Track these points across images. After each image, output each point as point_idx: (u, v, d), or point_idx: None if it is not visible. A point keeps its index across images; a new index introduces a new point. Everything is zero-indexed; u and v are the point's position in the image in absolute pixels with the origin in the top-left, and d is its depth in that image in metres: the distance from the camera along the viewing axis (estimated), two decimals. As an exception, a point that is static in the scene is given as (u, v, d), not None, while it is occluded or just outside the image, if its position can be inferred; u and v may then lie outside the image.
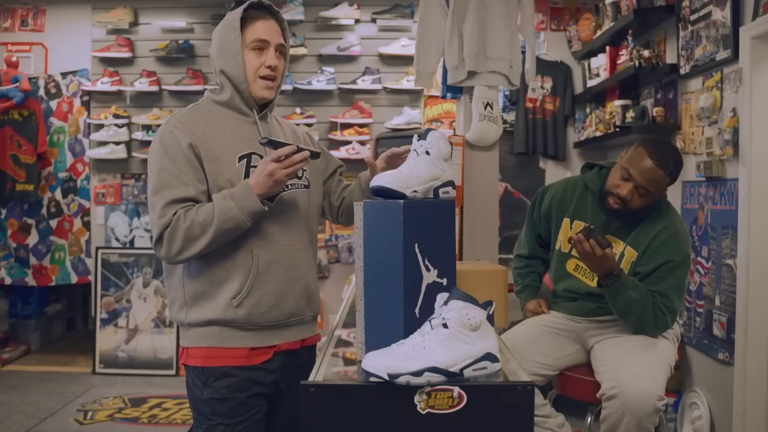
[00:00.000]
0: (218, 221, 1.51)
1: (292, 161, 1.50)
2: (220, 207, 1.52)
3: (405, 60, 4.51)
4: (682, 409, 3.25)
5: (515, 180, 4.61)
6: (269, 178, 1.50)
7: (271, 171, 1.50)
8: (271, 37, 1.63)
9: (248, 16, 1.62)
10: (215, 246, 1.55)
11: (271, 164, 1.50)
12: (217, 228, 1.51)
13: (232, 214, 1.51)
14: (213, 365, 1.61)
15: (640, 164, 2.07)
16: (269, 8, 1.65)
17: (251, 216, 1.53)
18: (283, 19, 1.68)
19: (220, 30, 1.65)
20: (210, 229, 1.51)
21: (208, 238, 1.52)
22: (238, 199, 1.51)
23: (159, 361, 4.54)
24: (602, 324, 2.25)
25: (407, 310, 1.30)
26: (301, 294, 1.66)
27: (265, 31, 1.62)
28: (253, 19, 1.62)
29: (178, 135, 1.57)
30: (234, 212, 1.51)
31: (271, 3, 1.66)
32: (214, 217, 1.51)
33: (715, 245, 3.01)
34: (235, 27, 1.60)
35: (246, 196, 1.51)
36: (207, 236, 1.51)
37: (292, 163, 1.50)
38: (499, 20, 2.75)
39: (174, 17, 4.66)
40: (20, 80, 4.44)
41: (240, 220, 1.52)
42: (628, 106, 3.74)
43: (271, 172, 1.50)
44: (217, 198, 1.54)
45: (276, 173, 1.50)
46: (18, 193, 4.59)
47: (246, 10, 1.62)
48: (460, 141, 2.78)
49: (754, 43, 2.70)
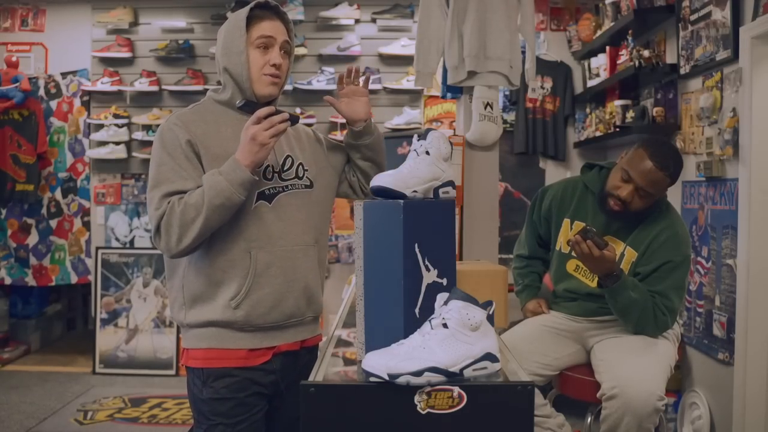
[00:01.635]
0: (209, 197, 1.49)
1: (272, 122, 1.49)
2: (209, 183, 1.50)
3: (405, 60, 4.51)
4: (682, 409, 3.25)
5: (515, 180, 4.61)
6: (253, 143, 1.48)
7: (253, 134, 1.48)
8: (277, 35, 1.63)
9: (254, 15, 1.62)
10: (212, 226, 1.52)
11: (252, 127, 1.48)
12: (209, 204, 1.48)
13: (222, 187, 1.48)
14: (212, 366, 1.61)
15: (640, 166, 2.07)
16: (275, 8, 1.65)
17: (242, 186, 1.50)
18: (288, 20, 1.68)
19: (225, 28, 1.65)
20: (203, 208, 1.49)
21: (203, 217, 1.49)
22: (226, 173, 1.50)
23: (159, 361, 4.54)
24: (602, 324, 2.25)
25: (407, 310, 1.30)
26: (300, 295, 1.66)
27: (270, 28, 1.62)
28: (259, 19, 1.62)
29: (177, 132, 1.57)
30: (223, 185, 1.48)
31: (277, 3, 1.66)
32: (205, 194, 1.49)
33: (715, 245, 3.01)
34: (241, 26, 1.60)
35: (234, 168, 1.49)
36: (201, 216, 1.49)
37: (272, 123, 1.48)
38: (499, 20, 2.75)
39: (174, 17, 4.66)
40: (20, 80, 4.44)
41: (230, 192, 1.49)
42: (628, 106, 3.74)
43: (253, 136, 1.48)
44: (207, 176, 1.53)
45: (258, 135, 1.48)
46: (18, 193, 4.59)
47: (252, 9, 1.62)
48: (460, 141, 2.78)
49: (754, 43, 2.70)
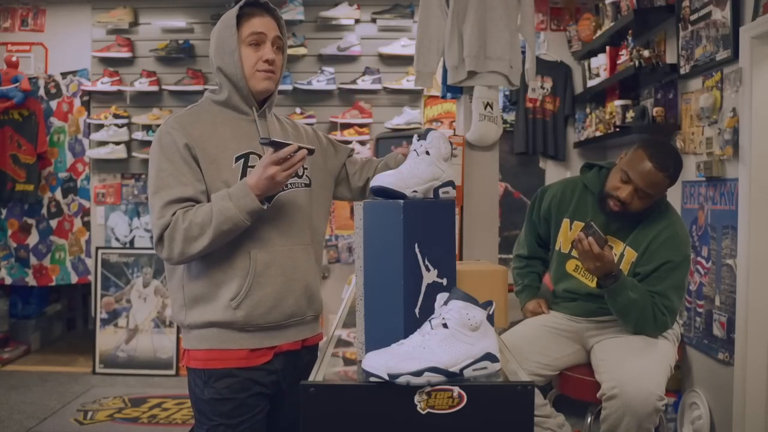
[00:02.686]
0: (216, 221, 1.50)
1: (293, 162, 1.50)
2: (218, 207, 1.51)
3: (405, 60, 4.51)
4: (682, 409, 3.25)
5: (515, 180, 4.61)
6: (270, 181, 1.50)
7: (273, 174, 1.49)
8: (268, 31, 1.63)
9: (244, 13, 1.62)
10: (216, 245, 1.54)
11: (272, 167, 1.49)
12: (216, 228, 1.50)
13: (231, 214, 1.50)
14: (214, 367, 1.61)
15: (640, 167, 2.07)
16: (265, 5, 1.65)
17: (250, 215, 1.52)
18: (279, 16, 1.68)
19: (217, 29, 1.65)
20: (209, 230, 1.51)
21: (208, 239, 1.51)
22: (236, 199, 1.51)
23: (159, 361, 4.54)
24: (602, 324, 2.25)
25: (407, 310, 1.31)
26: (301, 294, 1.66)
27: (260, 25, 1.62)
28: (249, 16, 1.62)
29: (175, 136, 1.57)
30: (232, 212, 1.50)
31: (267, 0, 1.66)
32: (213, 218, 1.51)
33: (715, 245, 3.01)
34: (231, 24, 1.60)
35: (244, 195, 1.51)
36: (206, 237, 1.51)
37: (292, 164, 1.50)
38: (499, 20, 2.74)
39: (174, 17, 4.66)
40: (20, 80, 4.44)
41: (238, 220, 1.51)
42: (628, 106, 3.74)
43: (272, 176, 1.49)
44: (216, 198, 1.54)
45: (277, 176, 1.49)
46: (18, 193, 4.60)
47: (242, 7, 1.62)
48: (460, 141, 2.78)
49: (754, 43, 2.70)
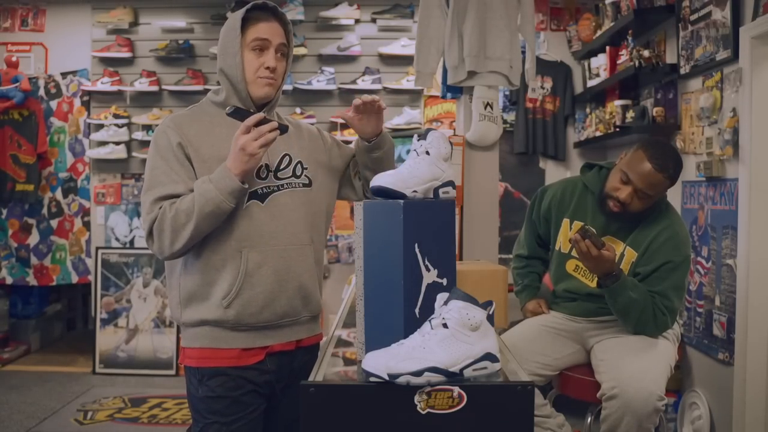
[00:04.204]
0: (199, 204, 1.50)
1: (261, 131, 1.49)
2: (199, 190, 1.52)
3: (405, 60, 4.51)
4: (682, 409, 3.25)
5: (515, 180, 4.61)
6: (242, 153, 1.49)
7: (243, 145, 1.48)
8: (272, 37, 1.62)
9: (251, 17, 1.62)
10: (203, 231, 1.54)
11: (241, 137, 1.49)
12: (199, 211, 1.50)
13: (211, 196, 1.50)
14: (207, 365, 1.61)
15: (639, 168, 2.07)
16: (273, 10, 1.64)
17: (231, 195, 1.51)
18: (287, 21, 1.67)
19: (223, 30, 1.65)
20: (193, 215, 1.51)
21: (193, 224, 1.51)
22: (216, 181, 1.51)
23: (159, 361, 4.54)
24: (602, 324, 2.25)
25: (407, 310, 1.30)
26: (294, 295, 1.65)
27: (266, 30, 1.61)
28: (256, 20, 1.62)
29: (170, 134, 1.58)
30: (213, 193, 1.50)
31: (276, 5, 1.65)
32: (195, 202, 1.51)
33: (715, 245, 3.01)
34: (236, 27, 1.60)
35: (224, 176, 1.51)
36: (191, 223, 1.51)
37: (261, 133, 1.49)
38: (499, 20, 2.75)
39: (174, 17, 4.66)
40: (20, 80, 4.44)
41: (219, 200, 1.50)
42: (628, 106, 3.74)
43: (242, 146, 1.48)
44: (197, 183, 1.55)
45: (248, 146, 1.48)
46: (18, 193, 4.60)
47: (250, 11, 1.61)
48: (460, 141, 2.79)
49: (754, 43, 2.70)
